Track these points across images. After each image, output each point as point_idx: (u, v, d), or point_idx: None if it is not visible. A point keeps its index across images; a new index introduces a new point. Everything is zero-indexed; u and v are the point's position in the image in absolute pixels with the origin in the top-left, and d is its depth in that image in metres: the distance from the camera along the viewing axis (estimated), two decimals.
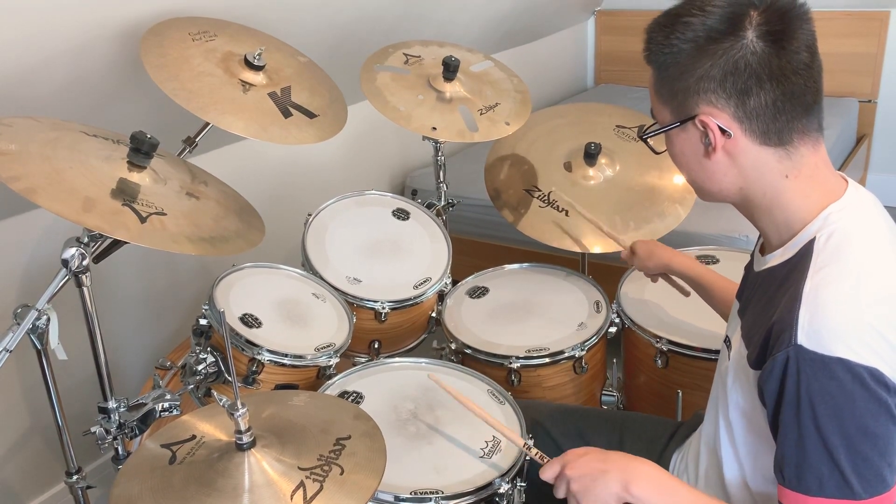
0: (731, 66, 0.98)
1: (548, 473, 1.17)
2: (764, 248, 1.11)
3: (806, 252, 1.00)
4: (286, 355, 1.54)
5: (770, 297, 1.03)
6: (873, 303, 0.93)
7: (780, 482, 0.97)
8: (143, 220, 1.20)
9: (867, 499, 0.92)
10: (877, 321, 0.92)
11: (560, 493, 1.15)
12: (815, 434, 0.92)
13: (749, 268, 1.18)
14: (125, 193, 1.24)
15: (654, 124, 1.11)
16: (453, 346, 1.76)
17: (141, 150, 1.29)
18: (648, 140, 1.12)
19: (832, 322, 0.92)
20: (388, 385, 1.51)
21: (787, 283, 1.00)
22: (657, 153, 1.14)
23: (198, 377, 1.53)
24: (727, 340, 1.14)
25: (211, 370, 1.54)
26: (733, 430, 1.09)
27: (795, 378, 0.92)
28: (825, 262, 0.97)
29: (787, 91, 0.98)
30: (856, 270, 0.95)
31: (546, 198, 1.95)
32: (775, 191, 1.03)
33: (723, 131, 1.00)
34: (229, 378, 1.52)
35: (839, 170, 1.61)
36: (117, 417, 1.38)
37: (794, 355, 0.92)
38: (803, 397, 0.92)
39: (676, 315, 1.76)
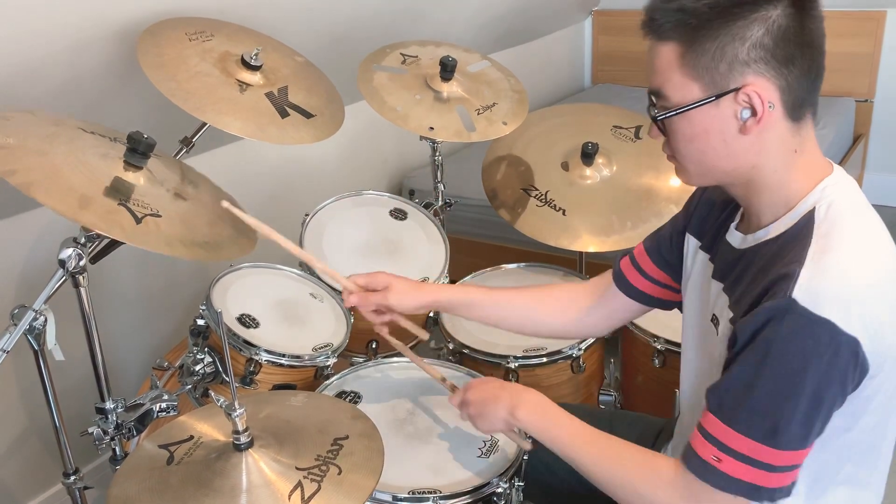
0: (781, 33, 0.94)
1: (455, 400, 1.26)
2: (747, 225, 1.09)
3: (807, 222, 0.99)
4: (284, 355, 1.54)
5: (764, 266, 1.01)
6: (872, 275, 0.94)
7: (710, 408, 0.98)
8: (138, 220, 1.20)
9: (783, 451, 0.94)
10: (872, 295, 0.93)
11: (463, 417, 1.25)
12: (770, 384, 0.92)
13: (722, 248, 1.14)
14: (119, 192, 1.23)
15: (651, 106, 1.03)
16: (451, 346, 1.76)
17: (137, 150, 1.29)
18: (663, 121, 1.02)
19: (831, 285, 0.92)
20: (385, 385, 1.51)
21: (787, 250, 0.98)
22: (665, 136, 1.05)
23: (195, 377, 1.53)
24: (714, 319, 1.12)
25: (208, 370, 1.54)
26: None
27: (776, 326, 0.92)
28: (828, 230, 0.96)
29: (815, 61, 0.97)
30: (859, 243, 0.96)
31: (543, 197, 1.95)
32: (784, 166, 1.01)
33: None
34: (227, 378, 1.52)
35: None
36: (115, 418, 1.38)
37: (784, 306, 0.91)
38: (776, 346, 0.92)
39: (674, 314, 1.76)
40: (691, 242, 1.23)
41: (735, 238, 1.11)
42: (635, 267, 1.34)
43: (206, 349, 1.55)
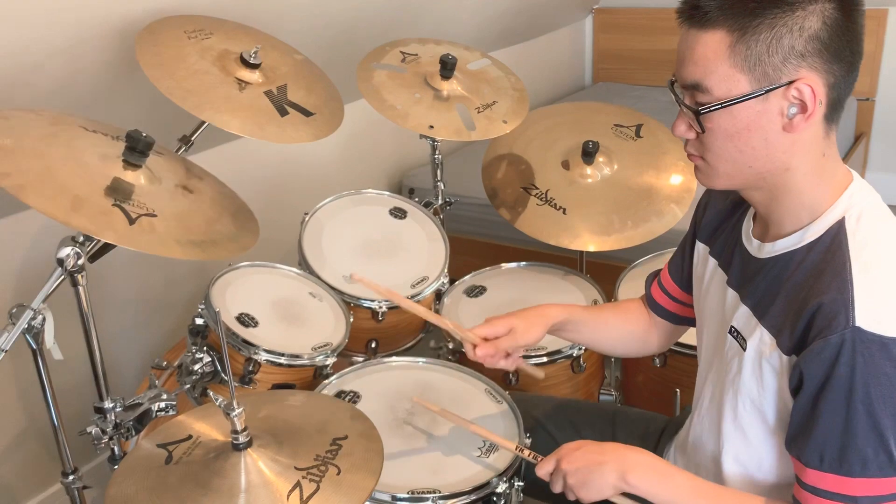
0: (837, 26, 0.90)
1: (543, 470, 1.16)
2: (765, 233, 1.06)
3: (837, 232, 0.97)
4: (283, 355, 1.54)
5: (797, 281, 0.98)
6: None
7: (814, 466, 0.95)
8: (131, 221, 1.19)
9: None
10: None
11: (557, 488, 1.14)
12: (865, 416, 0.90)
13: (736, 255, 1.12)
14: (118, 193, 1.23)
15: (682, 101, 0.98)
16: (451, 346, 1.76)
17: (136, 148, 1.28)
18: (707, 114, 0.96)
19: (890, 303, 0.91)
20: (385, 385, 1.50)
21: (822, 265, 0.96)
22: (701, 132, 0.99)
23: (194, 377, 1.53)
24: (735, 332, 1.08)
25: (207, 370, 1.54)
26: (745, 421, 1.06)
27: (850, 360, 0.90)
28: (864, 241, 0.95)
29: (857, 58, 0.94)
30: None
31: (544, 196, 1.95)
32: (815, 170, 0.98)
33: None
34: (226, 378, 1.51)
35: None
36: (113, 417, 1.38)
37: (850, 337, 0.89)
38: (857, 379, 0.90)
39: None
40: (700, 249, 1.22)
41: (752, 245, 1.08)
42: (662, 289, 1.35)
43: (204, 348, 1.55)
